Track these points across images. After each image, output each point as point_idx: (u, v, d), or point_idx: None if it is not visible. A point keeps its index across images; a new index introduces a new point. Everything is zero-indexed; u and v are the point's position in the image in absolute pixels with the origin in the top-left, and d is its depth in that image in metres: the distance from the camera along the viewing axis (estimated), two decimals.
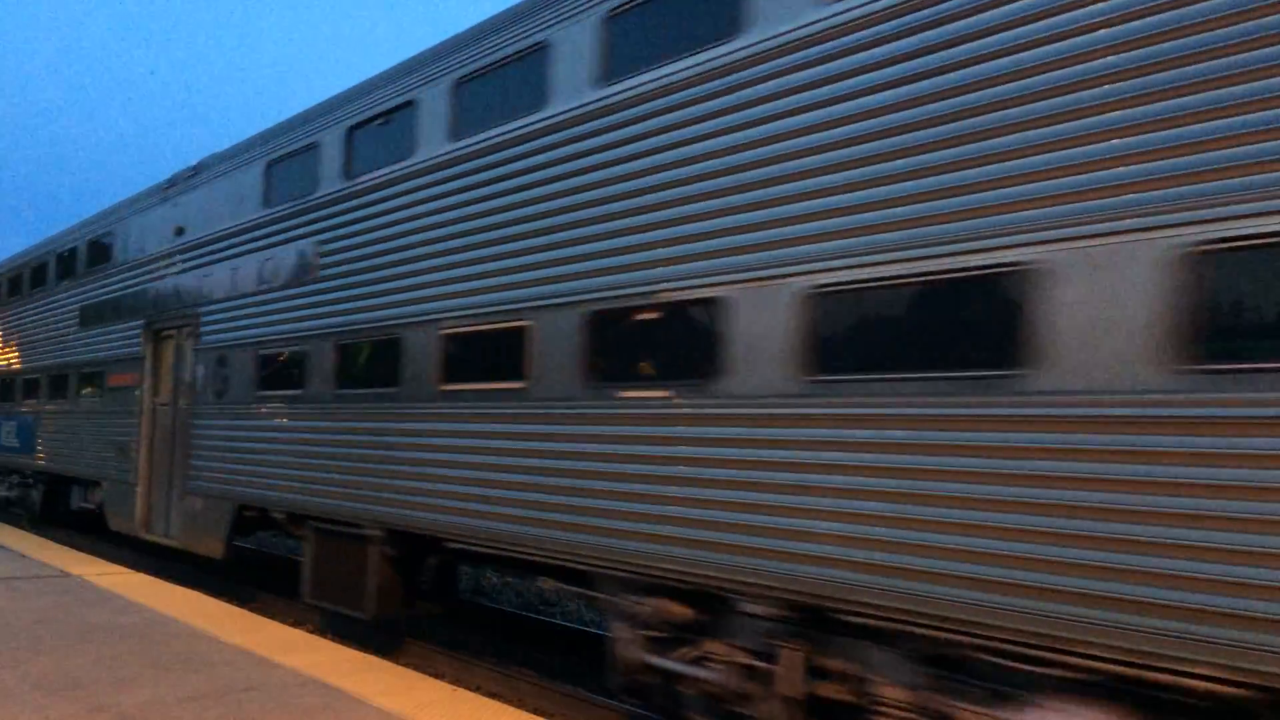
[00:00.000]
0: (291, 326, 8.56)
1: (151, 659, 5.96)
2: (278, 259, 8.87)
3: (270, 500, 8.67)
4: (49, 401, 14.18)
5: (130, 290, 11.92)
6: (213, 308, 9.97)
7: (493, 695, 7.18)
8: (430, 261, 7.05)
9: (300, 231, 8.58)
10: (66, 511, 14.53)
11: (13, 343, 16.20)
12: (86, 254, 13.54)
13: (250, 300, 9.28)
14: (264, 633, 6.98)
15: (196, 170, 10.82)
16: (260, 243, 9.18)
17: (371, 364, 7.62)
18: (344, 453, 7.73)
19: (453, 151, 6.99)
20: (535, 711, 6.71)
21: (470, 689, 7.01)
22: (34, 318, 15.31)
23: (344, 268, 7.98)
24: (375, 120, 7.88)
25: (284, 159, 9.08)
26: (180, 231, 10.81)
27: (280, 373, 8.75)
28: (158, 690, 5.23)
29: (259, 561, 13.68)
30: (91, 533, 14.60)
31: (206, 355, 9.95)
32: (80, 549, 12.61)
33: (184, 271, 10.67)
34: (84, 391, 12.97)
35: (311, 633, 8.82)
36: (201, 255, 10.31)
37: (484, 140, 6.74)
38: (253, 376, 9.12)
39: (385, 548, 7.39)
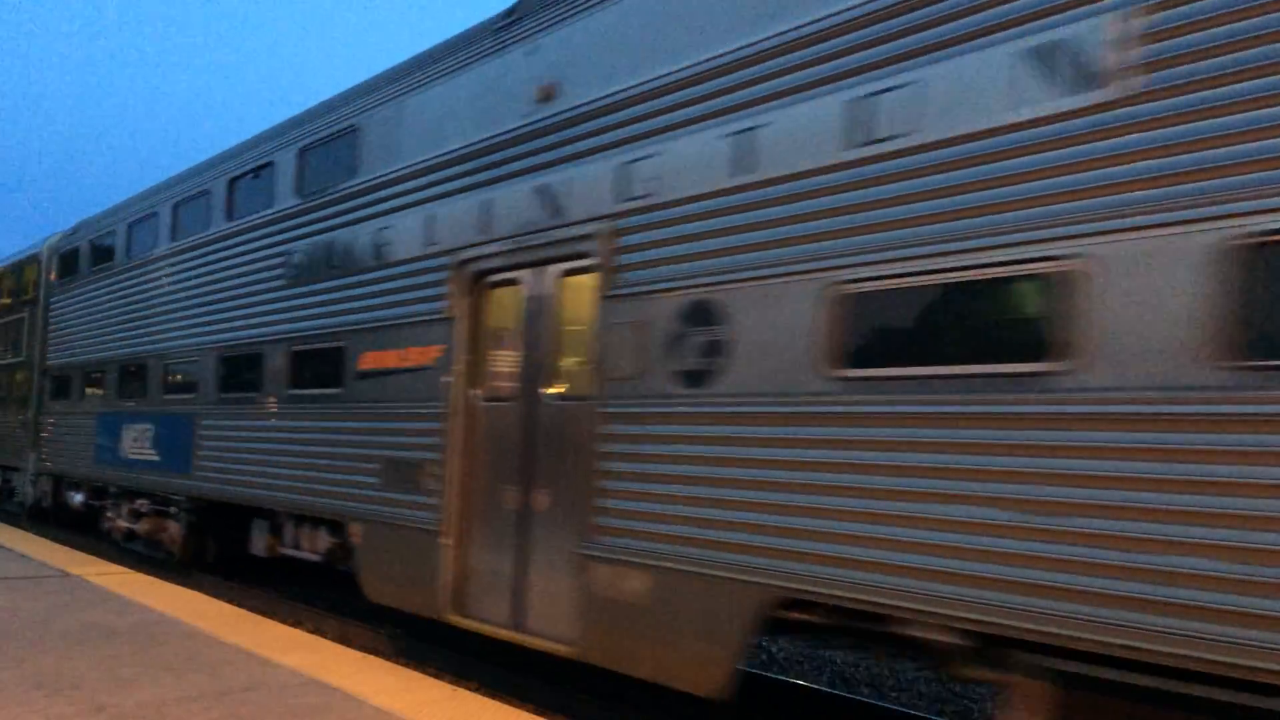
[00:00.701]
0: (1019, 216, 4.02)
1: (151, 659, 5.96)
2: (923, 86, 4.44)
3: (912, 598, 4.22)
4: (221, 395, 10.15)
5: (410, 214, 7.70)
6: (657, 217, 5.69)
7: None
8: None
9: (997, 13, 4.19)
10: (238, 556, 10.39)
11: (146, 313, 11.89)
12: (295, 172, 9.26)
13: (813, 185, 4.86)
14: (264, 633, 6.97)
15: None
16: (841, 63, 4.80)
17: None
18: None
19: None
20: (535, 711, 6.70)
21: (470, 689, 7.01)
22: (185, 275, 11.08)
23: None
24: None
25: None
26: (549, 95, 6.63)
27: (941, 330, 4.34)
28: (158, 690, 5.23)
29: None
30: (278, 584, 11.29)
31: (639, 307, 5.76)
32: (79, 549, 12.60)
33: (561, 163, 6.41)
34: (301, 381, 8.95)
35: (311, 633, 8.82)
36: (627, 123, 5.99)
37: None
38: (823, 341, 4.76)
39: None
